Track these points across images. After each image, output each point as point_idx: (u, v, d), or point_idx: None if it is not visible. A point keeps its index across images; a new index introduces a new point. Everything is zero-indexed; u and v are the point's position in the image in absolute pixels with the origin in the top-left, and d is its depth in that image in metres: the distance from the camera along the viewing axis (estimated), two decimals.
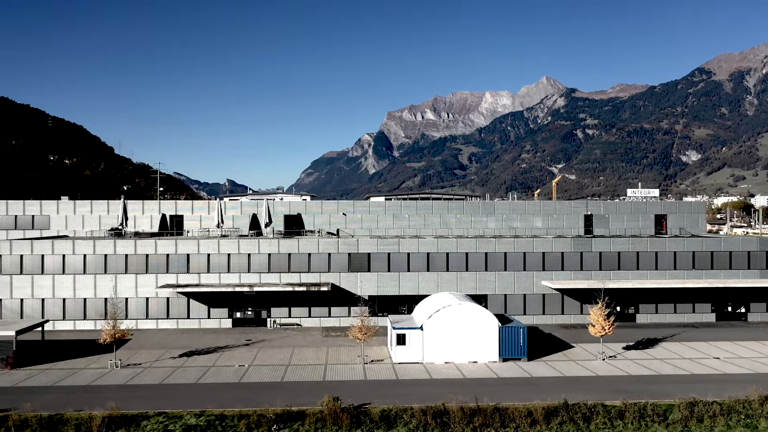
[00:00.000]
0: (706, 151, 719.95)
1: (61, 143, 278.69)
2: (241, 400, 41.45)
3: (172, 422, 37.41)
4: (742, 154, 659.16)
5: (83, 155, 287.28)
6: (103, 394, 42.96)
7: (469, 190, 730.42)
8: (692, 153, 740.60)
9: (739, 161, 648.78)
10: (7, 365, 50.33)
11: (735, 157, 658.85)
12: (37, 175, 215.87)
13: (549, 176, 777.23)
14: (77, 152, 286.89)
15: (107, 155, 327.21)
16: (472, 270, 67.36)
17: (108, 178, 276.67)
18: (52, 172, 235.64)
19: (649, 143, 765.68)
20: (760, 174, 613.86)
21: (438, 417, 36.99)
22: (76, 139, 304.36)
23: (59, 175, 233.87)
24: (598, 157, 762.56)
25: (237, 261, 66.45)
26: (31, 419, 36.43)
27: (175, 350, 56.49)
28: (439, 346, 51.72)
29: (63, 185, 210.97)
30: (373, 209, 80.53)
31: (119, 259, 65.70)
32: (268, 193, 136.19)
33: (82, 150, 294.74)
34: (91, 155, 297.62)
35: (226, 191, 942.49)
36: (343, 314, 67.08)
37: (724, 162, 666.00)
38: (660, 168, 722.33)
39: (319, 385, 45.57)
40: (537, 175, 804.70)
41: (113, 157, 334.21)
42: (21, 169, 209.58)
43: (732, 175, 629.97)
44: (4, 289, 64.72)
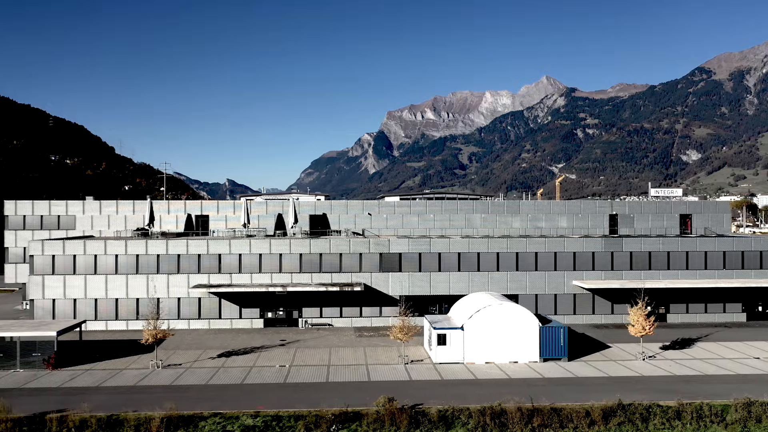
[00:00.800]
0: (706, 150, 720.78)
1: (62, 143, 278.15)
2: (290, 400, 41.43)
3: (229, 423, 37.37)
4: (742, 154, 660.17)
5: (84, 155, 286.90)
6: (152, 394, 42.93)
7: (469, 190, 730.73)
8: (692, 152, 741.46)
9: (740, 161, 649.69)
10: (49, 365, 50.26)
11: (735, 157, 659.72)
12: (39, 175, 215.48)
13: (549, 176, 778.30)
14: (78, 152, 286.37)
15: (108, 155, 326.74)
16: (503, 270, 67.40)
17: (109, 178, 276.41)
18: (54, 172, 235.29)
19: (649, 143, 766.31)
20: (760, 173, 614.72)
21: (496, 417, 36.96)
22: (76, 139, 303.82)
23: (61, 175, 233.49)
24: (598, 156, 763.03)
25: (268, 261, 66.41)
26: (90, 420, 36.36)
27: (212, 350, 56.44)
28: (480, 346, 51.73)
29: (64, 185, 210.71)
30: (398, 209, 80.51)
31: (151, 259, 65.63)
32: (282, 193, 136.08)
33: (83, 150, 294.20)
34: (92, 155, 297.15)
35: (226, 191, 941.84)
36: (374, 314, 67.08)
37: (724, 161, 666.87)
38: (660, 167, 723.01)
39: (365, 385, 45.53)
40: (537, 174, 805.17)
41: (114, 157, 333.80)
42: (22, 169, 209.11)
43: (732, 174, 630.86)
44: (36, 290, 64.62)
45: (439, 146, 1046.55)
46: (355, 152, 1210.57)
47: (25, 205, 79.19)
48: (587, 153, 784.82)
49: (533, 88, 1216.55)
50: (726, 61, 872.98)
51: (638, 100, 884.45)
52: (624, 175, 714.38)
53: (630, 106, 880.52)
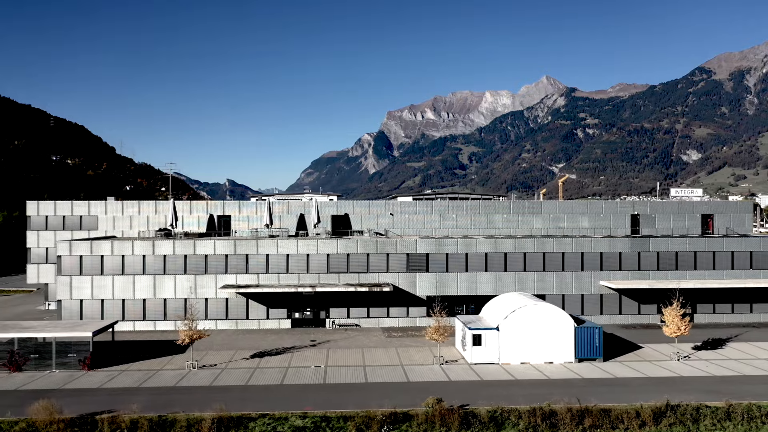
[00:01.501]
0: (706, 150, 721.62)
1: (62, 143, 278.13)
2: (334, 401, 41.39)
3: (279, 423, 37.32)
4: (742, 154, 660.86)
5: (85, 155, 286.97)
6: (194, 395, 42.93)
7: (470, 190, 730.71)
8: (693, 152, 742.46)
9: (740, 160, 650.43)
10: (85, 366, 50.18)
11: (735, 157, 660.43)
12: (40, 175, 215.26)
13: (549, 176, 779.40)
14: (79, 152, 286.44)
15: (109, 155, 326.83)
16: (530, 270, 67.41)
17: (110, 179, 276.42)
18: (55, 172, 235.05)
19: (649, 143, 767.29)
20: (761, 173, 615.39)
21: (546, 418, 36.95)
22: (77, 140, 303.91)
23: (62, 175, 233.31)
24: (598, 156, 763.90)
25: (296, 261, 66.36)
26: (140, 420, 36.28)
27: (244, 351, 56.37)
28: (515, 346, 51.72)
29: (66, 186, 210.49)
30: (420, 209, 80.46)
31: (178, 259, 65.56)
32: (295, 193, 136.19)
33: (84, 150, 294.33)
34: (92, 155, 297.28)
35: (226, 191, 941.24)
36: (401, 315, 67.07)
37: (724, 161, 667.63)
38: (660, 167, 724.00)
39: (405, 386, 45.51)
40: (537, 174, 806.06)
41: (115, 157, 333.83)
42: (24, 170, 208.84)
43: (733, 174, 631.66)
44: (64, 290, 64.53)
45: (439, 146, 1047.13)
46: (355, 152, 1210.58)
47: (48, 205, 79.09)
48: (587, 153, 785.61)
49: (533, 88, 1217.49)
50: (726, 61, 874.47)
51: (638, 100, 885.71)
52: (624, 175, 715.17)
53: (630, 106, 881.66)
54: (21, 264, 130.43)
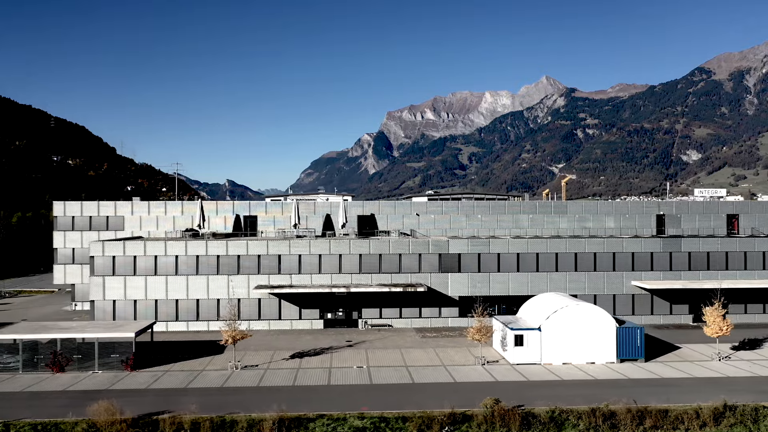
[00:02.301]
0: (706, 150, 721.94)
1: (63, 144, 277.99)
2: (385, 401, 41.36)
3: (338, 424, 37.30)
4: (742, 154, 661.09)
5: (86, 156, 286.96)
6: (243, 395, 42.89)
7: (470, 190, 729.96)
8: (693, 152, 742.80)
9: (740, 160, 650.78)
10: (127, 366, 50.10)
11: (735, 157, 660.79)
12: (42, 175, 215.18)
13: (549, 176, 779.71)
14: (80, 153, 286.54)
15: (109, 156, 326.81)
16: (562, 270, 67.45)
17: (111, 179, 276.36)
18: (56, 172, 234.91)
19: (649, 143, 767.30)
20: (761, 173, 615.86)
21: (607, 419, 36.95)
22: (78, 140, 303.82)
23: (63, 175, 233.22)
24: (598, 156, 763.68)
25: (328, 262, 66.31)
26: (202, 421, 36.23)
27: (282, 351, 56.32)
28: (557, 346, 51.73)
29: (67, 186, 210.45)
30: (446, 209, 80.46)
31: (211, 260, 65.47)
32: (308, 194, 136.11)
33: (85, 150, 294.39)
34: (93, 156, 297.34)
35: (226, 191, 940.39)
36: (433, 315, 67.06)
37: (724, 161, 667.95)
38: (660, 167, 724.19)
39: (453, 386, 45.49)
40: (537, 175, 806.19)
41: (115, 157, 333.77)
42: (25, 170, 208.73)
43: (733, 174, 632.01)
44: (97, 291, 64.42)
45: (439, 146, 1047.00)
46: (355, 152, 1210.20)
47: (74, 206, 78.98)
48: (587, 153, 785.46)
49: (533, 89, 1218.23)
50: (726, 61, 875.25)
51: (638, 100, 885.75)
52: (624, 175, 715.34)
53: (630, 106, 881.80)
54: (38, 264, 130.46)
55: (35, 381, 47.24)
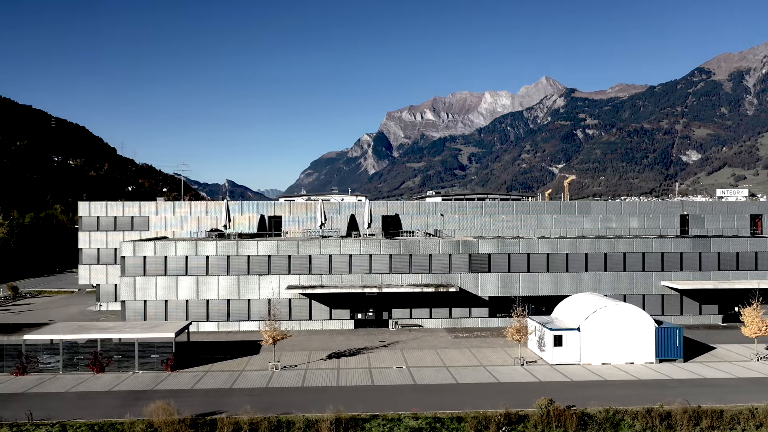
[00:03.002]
0: (706, 150, 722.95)
1: (64, 144, 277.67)
2: (435, 401, 41.35)
3: (393, 425, 37.27)
4: (742, 154, 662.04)
5: (87, 156, 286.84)
6: (290, 396, 42.86)
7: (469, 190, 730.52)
8: (692, 153, 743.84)
9: (740, 161, 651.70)
10: (168, 366, 50.03)
11: (735, 157, 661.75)
12: (43, 176, 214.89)
13: (549, 176, 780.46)
14: (80, 153, 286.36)
15: (110, 156, 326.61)
16: (592, 270, 67.48)
17: (112, 179, 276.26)
18: (57, 173, 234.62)
19: (649, 143, 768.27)
20: (761, 173, 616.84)
21: (663, 419, 36.98)
22: (79, 140, 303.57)
23: (64, 176, 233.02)
24: (598, 157, 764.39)
25: (358, 262, 66.27)
26: (259, 421, 36.18)
27: (318, 352, 56.27)
28: (596, 347, 51.77)
29: (68, 186, 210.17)
30: (470, 210, 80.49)
31: (241, 260, 65.40)
32: (323, 194, 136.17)
33: (86, 151, 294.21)
34: (94, 156, 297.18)
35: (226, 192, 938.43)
36: (463, 315, 67.06)
37: (724, 162, 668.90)
38: (660, 168, 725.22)
39: (497, 386, 45.48)
40: (537, 175, 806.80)
41: (116, 157, 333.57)
42: (26, 170, 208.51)
43: (733, 174, 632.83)
44: (128, 291, 64.32)
45: (439, 147, 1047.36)
46: (355, 153, 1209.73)
47: (99, 206, 78.91)
48: (587, 153, 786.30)
49: (533, 89, 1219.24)
50: (725, 62, 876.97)
51: (638, 101, 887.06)
52: (624, 175, 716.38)
53: (630, 106, 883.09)
54: (52, 264, 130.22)
55: (78, 381, 47.14)
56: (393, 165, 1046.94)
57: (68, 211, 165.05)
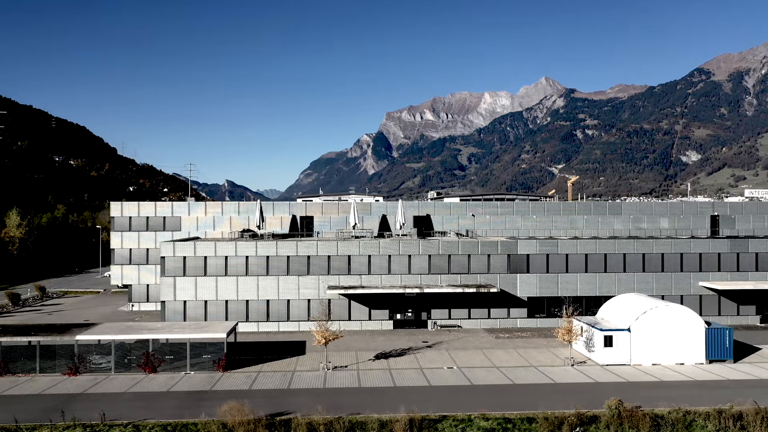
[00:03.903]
0: (706, 151, 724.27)
1: (65, 144, 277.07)
2: (497, 402, 41.32)
3: (465, 425, 37.23)
4: (742, 155, 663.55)
5: (87, 156, 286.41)
6: (354, 396, 42.76)
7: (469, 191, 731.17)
8: (692, 153, 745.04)
9: (740, 161, 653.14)
10: (219, 367, 49.94)
11: (735, 158, 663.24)
12: (44, 176, 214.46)
13: (549, 177, 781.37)
14: (81, 153, 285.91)
15: (111, 156, 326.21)
16: (630, 271, 67.54)
17: (113, 179, 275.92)
18: (59, 173, 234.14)
19: (648, 143, 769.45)
20: (760, 174, 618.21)
21: (736, 420, 37.00)
22: (79, 140, 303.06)
23: (65, 176, 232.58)
24: (598, 157, 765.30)
25: (397, 262, 66.25)
26: (333, 421, 36.11)
27: (363, 352, 56.21)
28: (646, 347, 51.81)
29: (70, 186, 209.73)
30: (501, 210, 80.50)
31: (281, 261, 65.31)
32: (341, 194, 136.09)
33: (86, 151, 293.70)
34: (95, 156, 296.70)
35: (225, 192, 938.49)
36: (502, 315, 67.07)
37: (724, 162, 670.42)
38: (660, 168, 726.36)
39: (554, 387, 45.51)
40: (537, 175, 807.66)
41: (117, 157, 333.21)
42: (28, 171, 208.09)
43: (732, 175, 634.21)
44: (168, 291, 64.19)
45: (439, 147, 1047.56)
46: (354, 153, 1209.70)
47: (131, 206, 78.75)
48: (587, 154, 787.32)
49: (532, 89, 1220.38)
50: (725, 62, 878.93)
51: (637, 101, 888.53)
52: (624, 176, 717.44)
53: (629, 107, 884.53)
54: (71, 265, 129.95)
55: (133, 381, 47.01)
56: (392, 165, 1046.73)
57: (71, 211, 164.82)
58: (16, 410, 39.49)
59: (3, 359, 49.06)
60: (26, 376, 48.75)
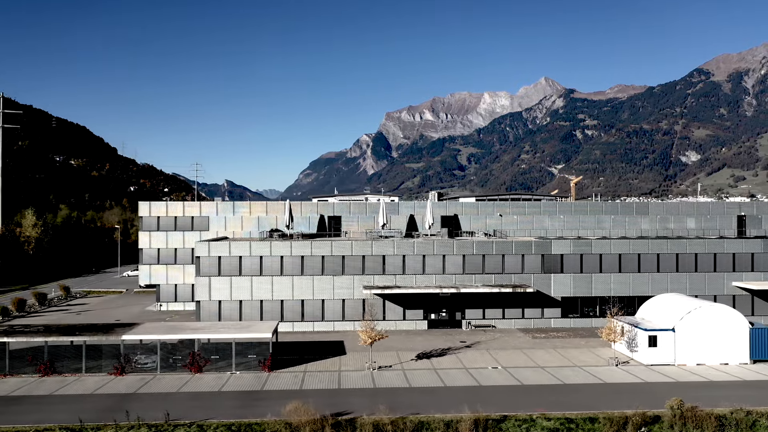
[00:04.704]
0: (705, 151, 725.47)
1: (65, 144, 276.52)
2: (554, 402, 41.33)
3: (529, 425, 37.22)
4: (741, 155, 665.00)
5: (88, 156, 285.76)
6: (406, 396, 42.67)
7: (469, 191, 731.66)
8: (692, 153, 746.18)
9: (739, 161, 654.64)
10: (265, 367, 49.85)
11: (735, 158, 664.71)
12: (45, 176, 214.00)
13: (549, 177, 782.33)
14: (82, 153, 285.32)
15: (111, 156, 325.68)
16: (664, 271, 67.59)
17: (114, 179, 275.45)
18: (59, 173, 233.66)
19: (648, 144, 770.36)
20: (760, 174, 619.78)
21: None
22: (80, 140, 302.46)
23: (66, 176, 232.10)
24: (597, 157, 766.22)
25: (432, 262, 66.21)
26: (394, 421, 36.05)
27: (404, 352, 56.16)
28: (691, 347, 51.85)
29: (71, 186, 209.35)
30: (528, 210, 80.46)
31: (316, 260, 65.22)
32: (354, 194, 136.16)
33: (87, 151, 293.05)
34: (95, 156, 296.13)
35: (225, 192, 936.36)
36: (536, 315, 67.09)
37: (723, 162, 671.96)
38: (660, 168, 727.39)
39: (605, 387, 45.50)
40: (537, 176, 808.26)
41: (117, 157, 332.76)
42: (28, 170, 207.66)
43: (732, 175, 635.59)
44: (203, 291, 64.06)
45: (438, 147, 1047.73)
46: (354, 153, 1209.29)
47: (160, 206, 78.59)
48: (586, 154, 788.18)
49: (532, 89, 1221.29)
50: (724, 63, 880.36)
51: (637, 101, 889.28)
52: (624, 176, 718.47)
53: (629, 107, 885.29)
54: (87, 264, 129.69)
55: (181, 381, 46.87)
56: (392, 165, 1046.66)
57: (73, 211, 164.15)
58: (75, 410, 39.39)
59: (50, 359, 48.87)
60: (73, 375, 48.60)
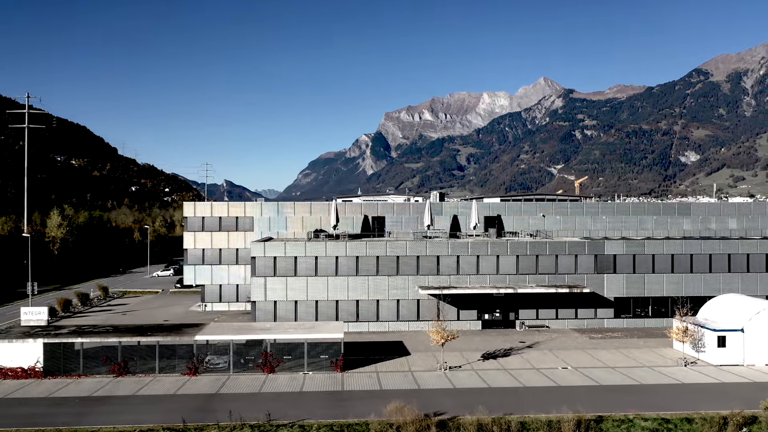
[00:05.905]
0: (705, 151, 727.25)
1: (66, 144, 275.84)
2: (638, 402, 41.39)
3: (628, 425, 37.25)
4: (741, 155, 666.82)
5: (88, 156, 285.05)
6: (487, 397, 42.48)
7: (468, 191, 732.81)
8: (691, 153, 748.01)
9: (738, 162, 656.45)
10: (337, 367, 49.79)
11: (734, 158, 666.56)
12: (46, 176, 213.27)
13: (548, 177, 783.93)
14: (82, 153, 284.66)
15: (111, 156, 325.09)
16: (716, 271, 67.73)
17: (115, 179, 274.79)
18: (61, 173, 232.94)
19: (647, 144, 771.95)
20: (759, 174, 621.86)
21: None
22: (80, 140, 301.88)
23: (67, 176, 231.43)
24: (597, 157, 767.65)
25: (485, 263, 66.18)
26: (496, 420, 36.03)
27: (468, 353, 56.13)
28: (759, 347, 51.94)
29: (71, 186, 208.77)
30: (571, 211, 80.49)
31: (370, 261, 65.16)
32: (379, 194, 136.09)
33: (87, 151, 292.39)
34: (96, 156, 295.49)
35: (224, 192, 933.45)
36: (589, 316, 67.16)
37: (723, 162, 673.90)
38: (659, 169, 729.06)
39: (683, 387, 45.60)
40: (536, 176, 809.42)
41: (117, 157, 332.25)
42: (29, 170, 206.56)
43: (731, 175, 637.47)
44: (258, 291, 63.94)
45: (437, 147, 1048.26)
46: (353, 153, 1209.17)
47: (204, 206, 78.40)
48: (586, 154, 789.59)
49: (531, 90, 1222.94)
50: (723, 63, 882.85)
51: (636, 102, 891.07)
52: (623, 176, 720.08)
53: (628, 107, 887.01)
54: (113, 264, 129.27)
55: (258, 382, 46.78)
56: (391, 165, 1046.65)
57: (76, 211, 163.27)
58: (164, 410, 39.41)
59: (123, 359, 48.69)
60: (147, 376, 48.42)
